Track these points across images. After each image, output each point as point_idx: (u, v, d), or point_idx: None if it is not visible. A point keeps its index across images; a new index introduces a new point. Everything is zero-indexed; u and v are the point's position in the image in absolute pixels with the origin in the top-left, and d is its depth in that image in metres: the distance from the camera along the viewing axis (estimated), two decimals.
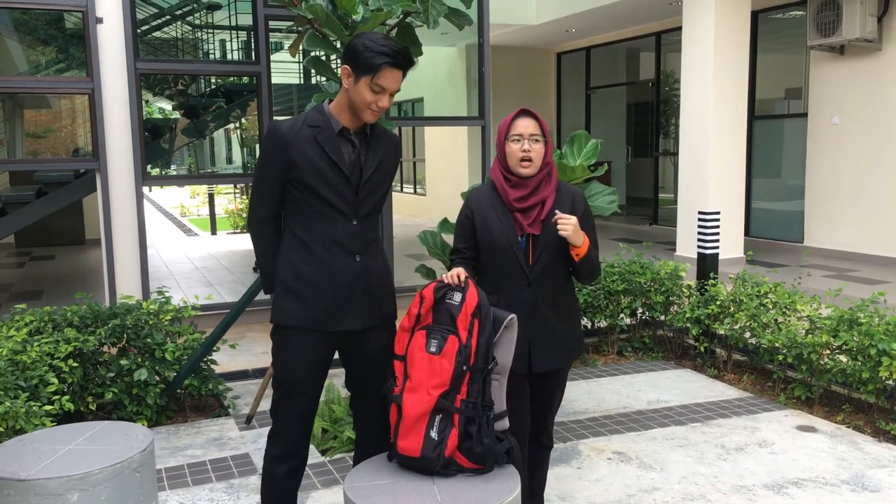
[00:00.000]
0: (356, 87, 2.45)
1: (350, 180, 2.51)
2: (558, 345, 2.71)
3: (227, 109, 9.53)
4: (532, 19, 11.77)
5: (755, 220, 10.38)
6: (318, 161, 2.47)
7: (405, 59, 2.46)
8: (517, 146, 2.57)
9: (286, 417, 2.62)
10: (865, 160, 8.81)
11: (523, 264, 2.60)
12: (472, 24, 4.28)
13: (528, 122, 2.60)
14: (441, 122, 12.54)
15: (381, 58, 2.40)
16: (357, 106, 2.48)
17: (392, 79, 2.44)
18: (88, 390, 4.17)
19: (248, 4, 6.54)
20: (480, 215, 2.66)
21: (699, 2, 8.51)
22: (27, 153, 10.70)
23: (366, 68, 2.42)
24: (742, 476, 3.67)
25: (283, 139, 2.49)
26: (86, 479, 2.25)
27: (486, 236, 2.64)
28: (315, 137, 2.49)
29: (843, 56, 8.96)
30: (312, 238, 2.53)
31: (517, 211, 2.60)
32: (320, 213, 2.51)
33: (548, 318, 2.66)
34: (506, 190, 2.61)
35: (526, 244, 2.61)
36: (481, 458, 2.32)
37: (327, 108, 2.55)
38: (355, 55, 2.44)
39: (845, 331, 4.32)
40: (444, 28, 4.22)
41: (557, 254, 2.63)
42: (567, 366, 2.82)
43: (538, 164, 2.59)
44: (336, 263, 2.52)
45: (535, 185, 2.60)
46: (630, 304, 5.60)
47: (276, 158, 2.50)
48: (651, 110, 12.87)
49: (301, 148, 2.48)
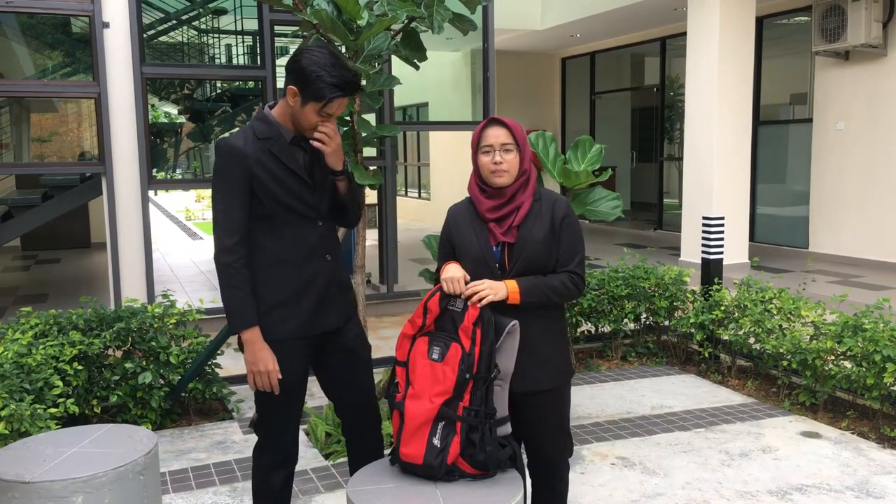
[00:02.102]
0: (303, 111, 2.44)
1: (309, 184, 2.54)
2: (540, 364, 2.49)
3: (232, 114, 9.56)
4: (537, 24, 11.78)
5: (760, 225, 10.36)
6: (278, 171, 2.48)
7: (355, 87, 2.47)
8: (488, 158, 2.46)
9: (284, 426, 2.65)
10: (870, 165, 8.79)
11: (496, 275, 2.46)
12: (476, 29, 4.29)
13: (499, 131, 2.47)
14: (446, 127, 12.53)
15: (332, 90, 2.40)
16: (301, 126, 2.49)
17: (340, 105, 2.46)
18: (93, 393, 4.18)
19: (254, 9, 6.56)
20: (457, 230, 2.57)
21: (704, 7, 8.52)
22: (33, 157, 10.75)
23: (316, 96, 2.40)
24: (746, 482, 3.66)
25: (241, 154, 2.44)
26: (90, 481, 2.26)
27: (461, 250, 2.54)
28: (269, 149, 2.48)
29: (847, 61, 8.95)
30: (284, 247, 2.53)
31: (491, 221, 2.50)
32: (287, 222, 2.53)
33: (529, 334, 2.45)
34: (480, 200, 2.51)
35: (501, 254, 2.49)
36: (484, 464, 2.32)
37: (273, 117, 2.52)
38: (305, 81, 2.40)
39: (850, 337, 4.31)
40: (448, 33, 4.23)
41: (535, 262, 2.47)
42: (555, 391, 2.55)
43: (513, 173, 2.47)
44: (311, 267, 2.57)
45: (511, 193, 2.48)
46: (634, 309, 5.60)
47: (238, 175, 2.44)
48: (656, 115, 12.86)
49: (259, 160, 2.46)
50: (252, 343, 2.49)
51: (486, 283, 2.40)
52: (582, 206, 4.28)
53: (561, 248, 2.49)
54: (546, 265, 2.49)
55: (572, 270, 2.49)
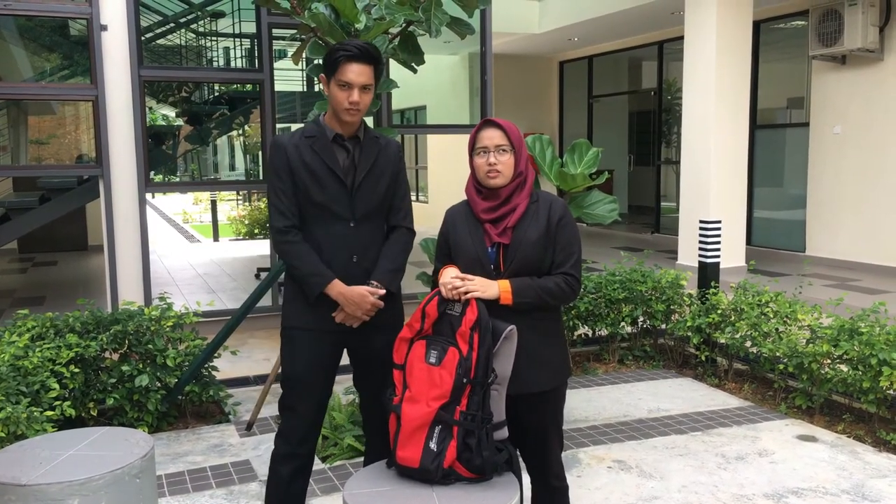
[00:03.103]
0: (330, 92, 2.60)
1: (345, 183, 2.63)
2: (537, 366, 2.51)
3: (230, 116, 9.57)
4: (534, 28, 11.80)
5: (757, 229, 10.38)
6: (315, 166, 2.62)
7: (362, 50, 2.56)
8: (482, 159, 2.48)
9: (291, 416, 2.71)
10: (867, 169, 8.82)
11: (490, 275, 2.47)
12: (473, 33, 4.30)
13: (494, 132, 2.49)
14: (444, 130, 12.52)
15: (337, 53, 2.56)
16: (335, 109, 2.61)
17: (354, 72, 2.55)
18: (90, 396, 4.18)
19: (252, 13, 6.57)
20: (454, 231, 2.59)
21: (701, 11, 8.54)
22: (31, 159, 10.74)
23: (330, 68, 2.58)
24: (742, 485, 3.66)
25: (283, 148, 2.65)
26: (86, 484, 2.26)
27: (457, 250, 2.56)
28: (312, 146, 2.64)
29: (844, 66, 8.98)
30: (311, 241, 2.66)
31: (487, 222, 2.51)
32: (317, 217, 2.65)
33: (523, 336, 2.45)
34: (476, 201, 2.53)
35: (496, 255, 2.51)
36: (481, 468, 2.32)
37: (322, 119, 2.70)
38: (325, 62, 2.61)
39: (846, 340, 4.33)
40: (446, 37, 4.24)
41: (530, 264, 2.48)
42: (553, 391, 2.56)
43: (508, 174, 2.48)
44: (331, 263, 2.64)
45: (506, 195, 2.50)
46: (631, 313, 5.61)
47: (281, 168, 2.63)
48: (653, 119, 12.89)
49: (299, 156, 2.62)
50: (340, 294, 2.61)
51: (478, 281, 2.42)
52: (579, 209, 4.28)
53: (556, 250, 2.49)
54: (541, 266, 2.49)
55: (567, 272, 2.49)
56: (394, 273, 2.71)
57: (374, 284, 2.65)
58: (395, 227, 2.78)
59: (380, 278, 2.67)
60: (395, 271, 2.71)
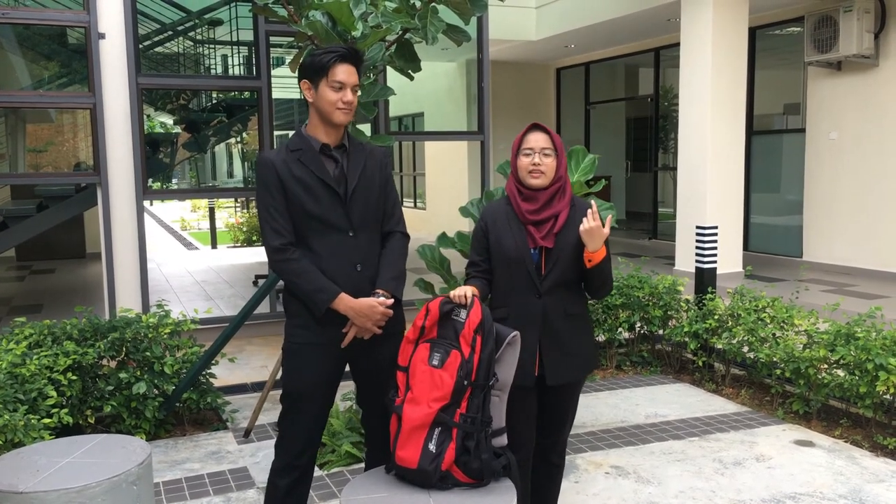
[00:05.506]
0: (319, 95, 2.58)
1: (338, 193, 2.60)
2: (571, 358, 2.72)
3: (228, 124, 9.58)
4: (531, 35, 11.84)
5: (754, 234, 10.40)
6: (306, 179, 2.57)
7: (350, 51, 2.61)
8: (528, 160, 2.63)
9: (290, 429, 2.67)
10: (863, 175, 8.84)
11: (534, 277, 2.63)
12: (470, 40, 4.32)
13: (540, 136, 2.66)
14: (441, 137, 12.57)
15: (328, 55, 2.56)
16: (326, 112, 2.58)
17: (346, 73, 2.57)
18: (87, 403, 4.18)
19: (250, 20, 6.59)
20: (494, 228, 2.71)
21: (697, 18, 8.58)
22: (29, 167, 10.74)
23: (319, 70, 2.56)
24: (739, 490, 3.67)
25: (271, 164, 2.59)
26: (83, 491, 2.26)
27: (497, 248, 2.68)
28: (299, 159, 2.59)
29: (840, 72, 9.01)
30: (311, 255, 2.60)
31: (530, 224, 2.65)
32: (314, 230, 2.60)
33: (560, 330, 2.68)
34: (518, 203, 2.67)
35: (538, 257, 2.65)
36: (478, 473, 2.33)
37: (304, 131, 2.66)
38: (307, 67, 2.60)
39: (842, 345, 4.34)
40: (443, 44, 4.26)
41: (570, 267, 2.66)
42: (581, 380, 2.82)
43: (550, 176, 2.64)
44: (334, 274, 2.58)
45: (547, 198, 2.65)
46: (628, 319, 5.61)
47: (272, 184, 2.58)
48: (650, 125, 12.92)
49: (288, 170, 2.58)
50: (349, 308, 2.56)
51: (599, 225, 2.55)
52: None
53: None
54: (579, 268, 2.68)
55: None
56: (397, 280, 2.69)
57: (379, 294, 2.62)
58: (389, 233, 2.76)
59: (385, 287, 2.64)
60: (397, 278, 2.70)
